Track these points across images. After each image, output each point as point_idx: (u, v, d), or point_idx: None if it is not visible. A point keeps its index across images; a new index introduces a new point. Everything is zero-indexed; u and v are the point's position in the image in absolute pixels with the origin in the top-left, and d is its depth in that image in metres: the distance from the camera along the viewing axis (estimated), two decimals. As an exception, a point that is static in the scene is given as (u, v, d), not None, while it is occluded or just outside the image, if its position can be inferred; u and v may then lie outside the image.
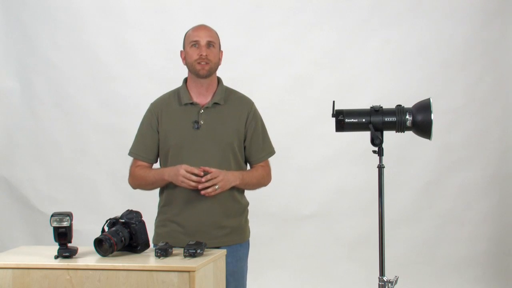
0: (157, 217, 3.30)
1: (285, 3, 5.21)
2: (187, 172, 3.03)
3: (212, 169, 3.07)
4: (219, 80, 3.30)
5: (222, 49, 3.30)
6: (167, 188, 3.23)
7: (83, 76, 5.29)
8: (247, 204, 3.34)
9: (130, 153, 3.28)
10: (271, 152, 3.35)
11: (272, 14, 5.21)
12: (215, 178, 3.05)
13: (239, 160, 3.25)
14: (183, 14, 5.16)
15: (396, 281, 2.94)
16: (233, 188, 3.19)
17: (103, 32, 5.26)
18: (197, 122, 3.19)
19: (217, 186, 3.05)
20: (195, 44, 3.19)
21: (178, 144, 3.18)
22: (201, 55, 3.16)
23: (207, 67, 3.18)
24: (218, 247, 3.09)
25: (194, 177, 3.03)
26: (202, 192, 3.05)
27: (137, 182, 3.25)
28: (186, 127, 3.19)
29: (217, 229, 3.18)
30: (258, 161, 3.30)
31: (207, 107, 3.21)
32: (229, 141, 3.21)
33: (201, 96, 3.24)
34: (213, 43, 3.21)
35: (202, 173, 3.03)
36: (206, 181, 3.04)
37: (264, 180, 3.31)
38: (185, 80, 3.30)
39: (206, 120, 3.20)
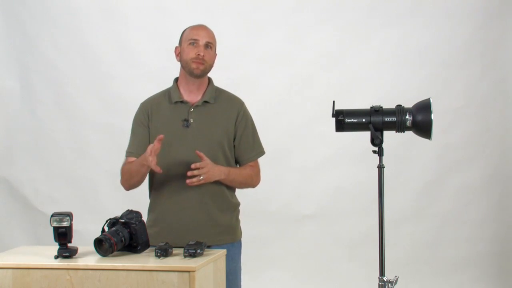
0: (147, 217, 3.28)
1: (285, 3, 5.21)
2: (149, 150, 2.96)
3: (205, 157, 3.05)
4: (209, 79, 3.30)
5: (219, 51, 3.29)
6: (154, 188, 3.23)
7: (83, 76, 5.29)
8: (238, 203, 3.33)
9: (125, 153, 3.29)
10: (261, 152, 3.33)
11: (272, 14, 5.22)
12: (201, 168, 3.03)
13: (229, 159, 3.24)
14: (183, 14, 5.16)
15: (396, 281, 2.94)
16: (223, 185, 3.19)
17: (103, 32, 5.26)
18: (187, 120, 3.19)
19: (201, 177, 3.04)
20: (194, 42, 3.19)
21: (168, 142, 3.17)
22: (198, 54, 3.16)
23: (201, 67, 3.18)
24: (209, 247, 3.06)
25: (148, 151, 2.95)
26: (187, 181, 3.03)
27: (125, 177, 3.21)
28: (176, 125, 3.19)
29: (207, 228, 3.17)
30: (247, 161, 3.28)
31: (197, 106, 3.21)
32: (219, 140, 3.20)
33: (192, 95, 3.24)
34: (211, 45, 3.22)
35: (161, 140, 2.96)
36: (194, 169, 3.02)
37: (251, 180, 3.29)
38: (176, 80, 3.30)
39: (196, 119, 3.20)
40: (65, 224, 2.77)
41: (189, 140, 3.16)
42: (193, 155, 3.11)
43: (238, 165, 3.31)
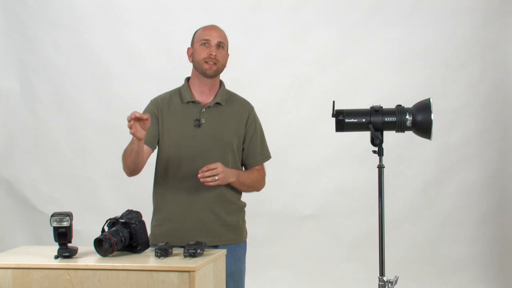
0: (153, 217, 3.28)
1: (285, 3, 5.21)
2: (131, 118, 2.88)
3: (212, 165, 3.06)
4: (221, 82, 3.31)
5: (228, 52, 3.30)
6: (163, 185, 3.22)
7: (83, 76, 5.29)
8: (244, 205, 3.34)
9: None
10: (268, 156, 3.36)
11: (272, 14, 5.22)
12: (215, 169, 3.04)
13: (236, 161, 3.26)
14: (183, 14, 5.17)
15: (396, 281, 2.94)
16: (228, 187, 3.20)
17: (103, 32, 5.26)
18: (198, 120, 3.20)
19: (216, 177, 3.04)
20: (205, 43, 3.20)
21: (179, 142, 3.18)
22: (210, 54, 3.17)
23: (214, 68, 3.19)
24: (216, 246, 3.10)
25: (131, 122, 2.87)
26: (202, 180, 3.03)
27: (123, 161, 3.14)
28: (187, 125, 3.19)
29: (215, 227, 3.19)
30: (254, 164, 3.31)
31: (209, 106, 3.22)
32: (229, 141, 3.22)
33: (204, 95, 3.25)
34: (223, 45, 3.23)
35: (144, 117, 2.87)
36: (207, 171, 3.02)
37: (258, 183, 3.32)
38: (187, 79, 3.30)
39: (208, 119, 3.21)
40: (65, 224, 2.77)
41: (200, 140, 3.18)
42: (204, 155, 3.14)
43: (243, 168, 3.33)
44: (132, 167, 3.12)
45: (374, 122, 2.97)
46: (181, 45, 3.33)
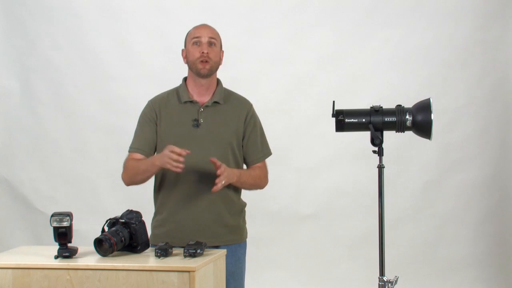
0: (154, 217, 3.28)
1: (285, 3, 5.21)
2: (172, 152, 2.95)
3: (219, 162, 3.04)
4: (218, 80, 3.31)
5: (223, 49, 3.30)
6: (163, 187, 3.22)
7: (83, 76, 5.29)
8: (245, 204, 3.34)
9: (129, 149, 3.26)
10: (268, 153, 3.35)
11: (272, 14, 5.22)
12: (223, 172, 3.03)
13: (237, 159, 3.25)
14: (183, 14, 5.16)
15: (396, 281, 2.94)
16: (230, 188, 3.20)
17: (103, 32, 5.26)
18: (196, 120, 3.20)
19: (223, 181, 3.03)
20: (197, 42, 3.20)
21: (177, 142, 3.16)
22: (202, 52, 3.16)
23: (208, 66, 3.18)
24: (217, 247, 3.10)
25: (175, 156, 2.93)
26: (214, 188, 3.01)
27: (129, 173, 3.17)
28: (185, 125, 3.19)
29: (216, 227, 3.19)
30: (255, 162, 3.30)
31: (207, 106, 3.22)
32: (229, 140, 3.21)
33: (201, 95, 3.24)
34: (215, 42, 3.22)
35: (184, 153, 2.94)
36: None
37: (260, 181, 3.30)
38: (185, 79, 3.30)
39: (206, 119, 3.20)
40: (65, 224, 2.77)
41: (199, 140, 3.17)
42: (203, 155, 3.13)
43: (245, 166, 3.32)
44: (137, 183, 3.21)
45: (374, 122, 2.98)
46: (181, 45, 3.33)
